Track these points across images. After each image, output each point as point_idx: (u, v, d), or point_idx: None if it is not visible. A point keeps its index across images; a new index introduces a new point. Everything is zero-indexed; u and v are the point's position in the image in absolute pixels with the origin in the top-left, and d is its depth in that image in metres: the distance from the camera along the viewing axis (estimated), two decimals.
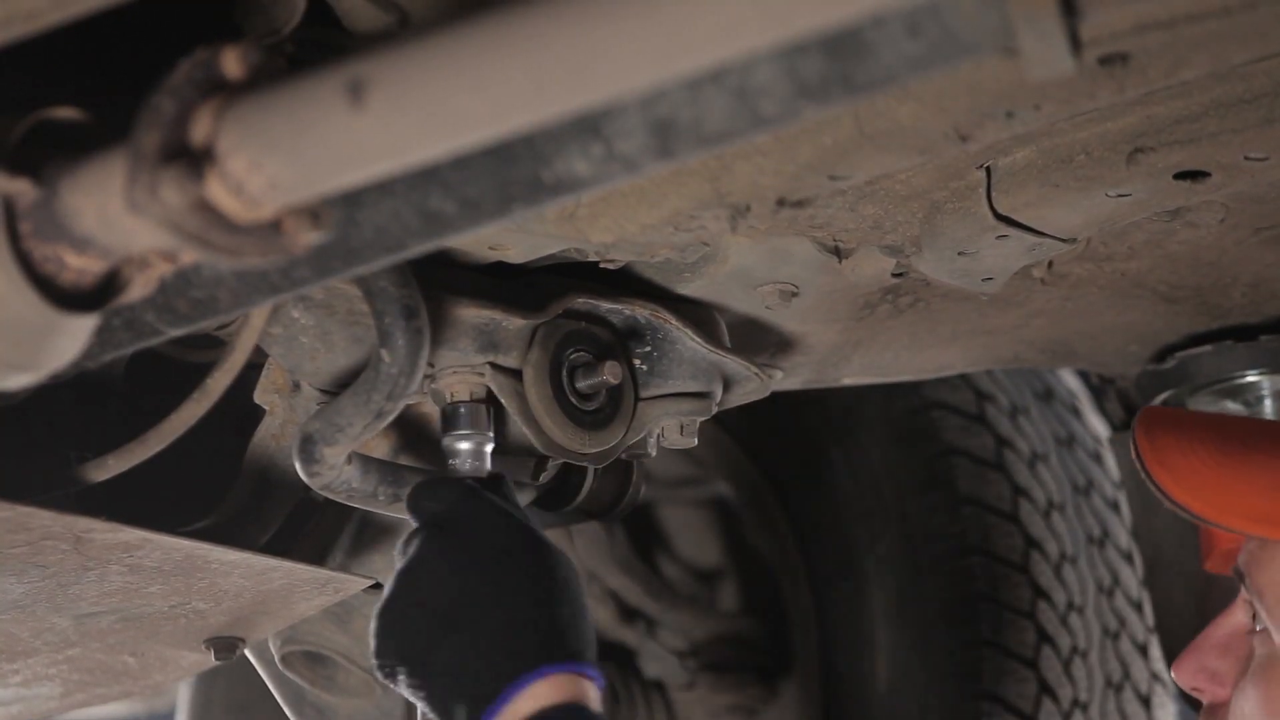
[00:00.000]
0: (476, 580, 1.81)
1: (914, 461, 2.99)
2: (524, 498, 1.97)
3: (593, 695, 1.79)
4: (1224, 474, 1.91)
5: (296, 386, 1.90)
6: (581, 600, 1.86)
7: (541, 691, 1.76)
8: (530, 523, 1.88)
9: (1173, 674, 2.03)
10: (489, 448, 1.92)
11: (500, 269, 1.89)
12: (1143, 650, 3.12)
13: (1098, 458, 3.21)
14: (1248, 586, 1.88)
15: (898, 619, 2.96)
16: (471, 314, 1.83)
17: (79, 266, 1.21)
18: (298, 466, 1.78)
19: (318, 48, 1.58)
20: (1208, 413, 2.36)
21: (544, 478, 2.01)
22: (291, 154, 1.10)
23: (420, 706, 1.82)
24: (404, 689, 1.82)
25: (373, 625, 1.84)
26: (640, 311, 1.97)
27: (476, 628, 1.79)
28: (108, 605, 1.93)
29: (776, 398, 2.26)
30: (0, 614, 1.90)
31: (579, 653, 1.80)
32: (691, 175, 1.64)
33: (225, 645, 2.13)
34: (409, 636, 1.81)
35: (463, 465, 1.90)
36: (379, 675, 1.84)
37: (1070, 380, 3.30)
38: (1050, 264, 2.05)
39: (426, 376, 1.82)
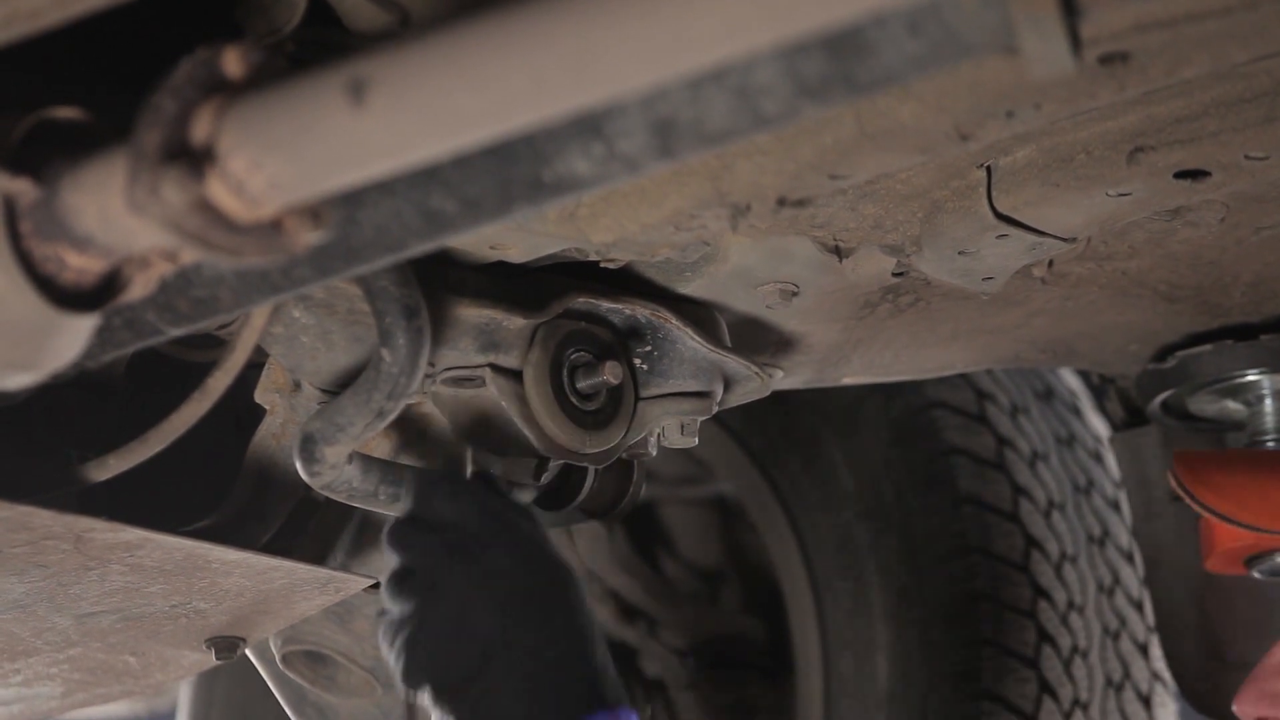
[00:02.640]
0: (510, 621, 1.81)
1: (915, 460, 2.99)
2: (524, 497, 1.97)
3: None
4: (1264, 485, 1.93)
5: (297, 386, 1.90)
6: (603, 640, 1.87)
7: None
8: (545, 538, 1.89)
9: (1235, 710, 2.04)
10: None
11: (501, 268, 1.89)
12: (1143, 649, 3.12)
13: (1098, 457, 3.21)
14: None
15: (898, 618, 2.96)
16: (472, 313, 1.83)
17: (80, 266, 1.21)
18: (298, 466, 1.78)
19: (319, 47, 1.58)
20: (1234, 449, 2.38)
21: (545, 478, 2.01)
22: (292, 153, 1.10)
23: None
24: (429, 705, 1.82)
25: (397, 643, 1.84)
26: (641, 311, 1.97)
27: (513, 671, 1.79)
28: (109, 605, 1.93)
29: (777, 396, 2.27)
30: (1, 613, 1.91)
31: (618, 700, 1.81)
32: (692, 174, 1.64)
33: (226, 645, 2.13)
34: (444, 668, 1.81)
35: None
36: (397, 678, 1.84)
37: (1071, 379, 3.30)
38: (1051, 263, 2.05)
39: (427, 376, 1.83)
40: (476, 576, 1.83)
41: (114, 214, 1.15)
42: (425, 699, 1.83)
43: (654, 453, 2.11)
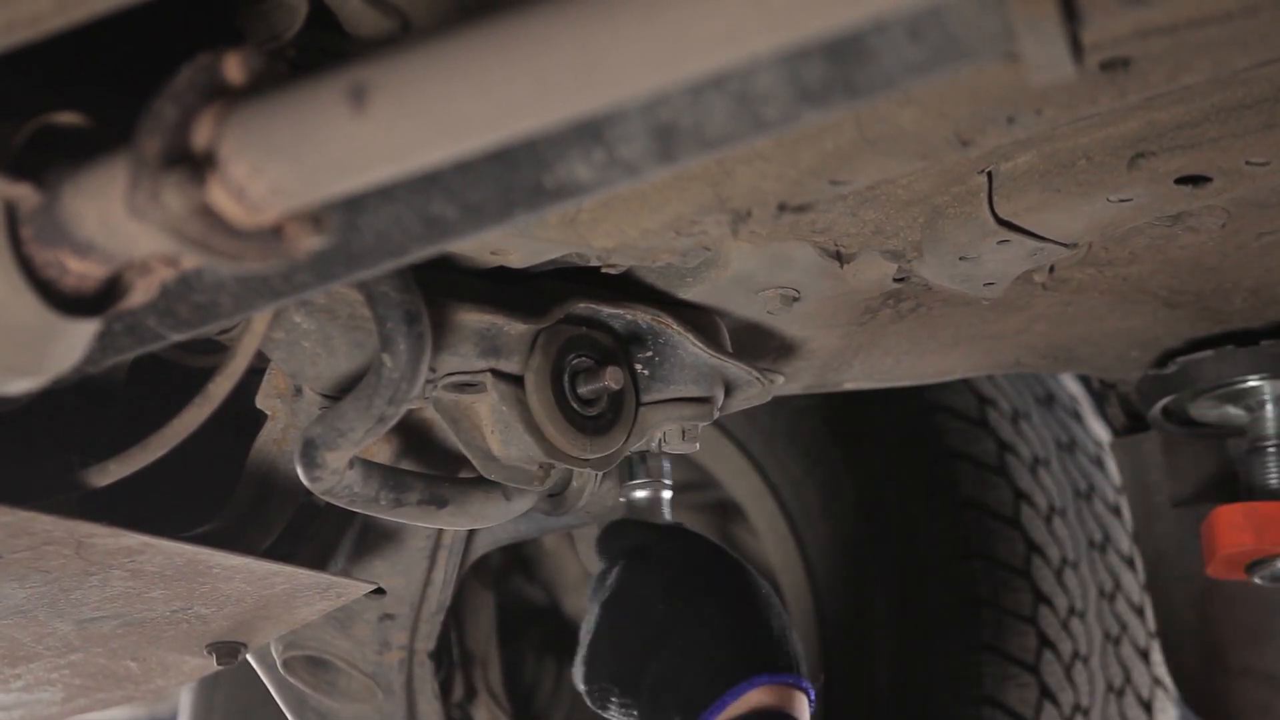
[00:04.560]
0: (682, 601, 1.88)
1: (916, 466, 2.99)
2: (525, 502, 1.98)
3: (802, 707, 1.85)
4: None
5: (298, 391, 1.90)
6: (786, 618, 1.97)
7: (753, 699, 1.83)
8: (727, 549, 2.00)
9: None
10: (668, 495, 2.10)
11: (502, 274, 1.89)
12: (1144, 655, 3.12)
13: (1099, 462, 3.21)
14: None
15: (899, 624, 2.96)
16: (473, 319, 1.83)
17: (81, 271, 1.21)
18: (300, 471, 1.78)
19: (319, 53, 1.58)
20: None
21: (546, 483, 2.01)
22: (293, 159, 1.10)
23: None
24: (615, 712, 1.90)
25: (581, 654, 1.97)
26: (642, 316, 1.97)
27: (686, 643, 1.87)
28: (109, 610, 1.93)
29: (779, 402, 2.27)
30: (2, 619, 1.91)
31: (790, 665, 1.87)
32: (693, 180, 1.65)
33: (227, 650, 2.13)
34: (619, 660, 1.91)
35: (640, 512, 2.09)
36: (590, 703, 1.94)
37: (1072, 385, 3.31)
38: (1052, 269, 2.05)
39: (428, 381, 1.83)
40: (651, 571, 1.96)
41: (115, 219, 1.15)
42: (612, 709, 1.95)
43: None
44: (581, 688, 2.00)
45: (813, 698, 1.91)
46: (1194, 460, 2.57)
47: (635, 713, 1.93)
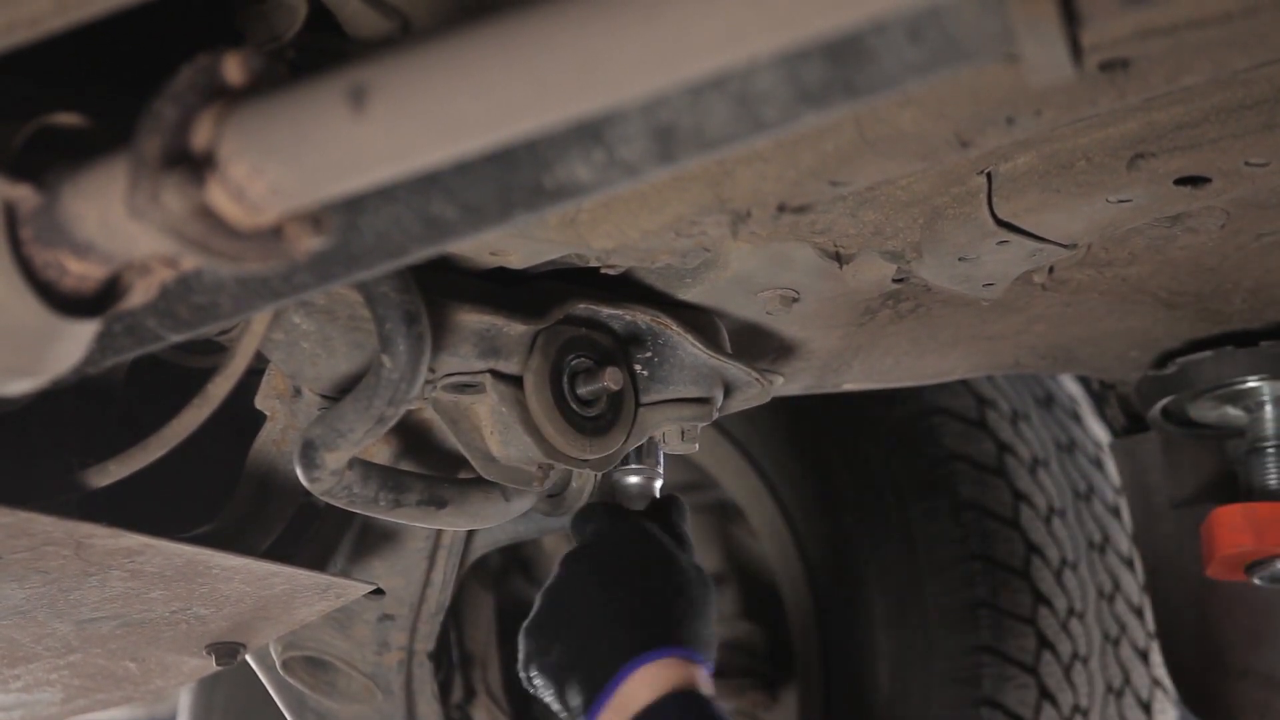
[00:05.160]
0: (596, 586, 1.92)
1: (915, 467, 2.99)
2: (525, 503, 1.98)
3: (703, 678, 1.89)
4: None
5: (298, 392, 1.90)
6: (704, 605, 2.00)
7: (653, 674, 1.87)
8: (674, 546, 2.04)
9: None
10: (658, 483, 2.12)
11: (501, 274, 1.89)
12: (1143, 656, 3.12)
13: (1098, 463, 3.21)
14: None
15: (899, 625, 2.96)
16: (472, 319, 1.83)
17: (80, 272, 1.21)
18: (299, 472, 1.78)
19: (319, 54, 1.58)
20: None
21: (545, 484, 2.01)
22: (293, 160, 1.10)
23: (553, 707, 1.95)
24: (543, 694, 1.97)
25: (521, 643, 2.02)
26: (641, 317, 1.97)
27: (591, 622, 1.91)
28: (109, 610, 1.93)
29: (778, 402, 2.27)
30: (1, 619, 1.91)
31: (687, 640, 1.92)
32: (693, 181, 1.65)
33: (226, 651, 2.13)
34: (537, 643, 1.96)
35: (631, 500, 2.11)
36: (528, 688, 1.97)
37: (1071, 386, 3.31)
38: (1051, 269, 2.05)
39: (428, 382, 1.83)
40: (582, 562, 2.01)
41: (115, 220, 1.15)
42: (540, 691, 2.00)
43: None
44: (524, 678, 2.04)
45: (711, 670, 1.95)
46: (1193, 461, 2.57)
47: (549, 690, 1.98)
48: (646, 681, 1.89)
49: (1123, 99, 1.49)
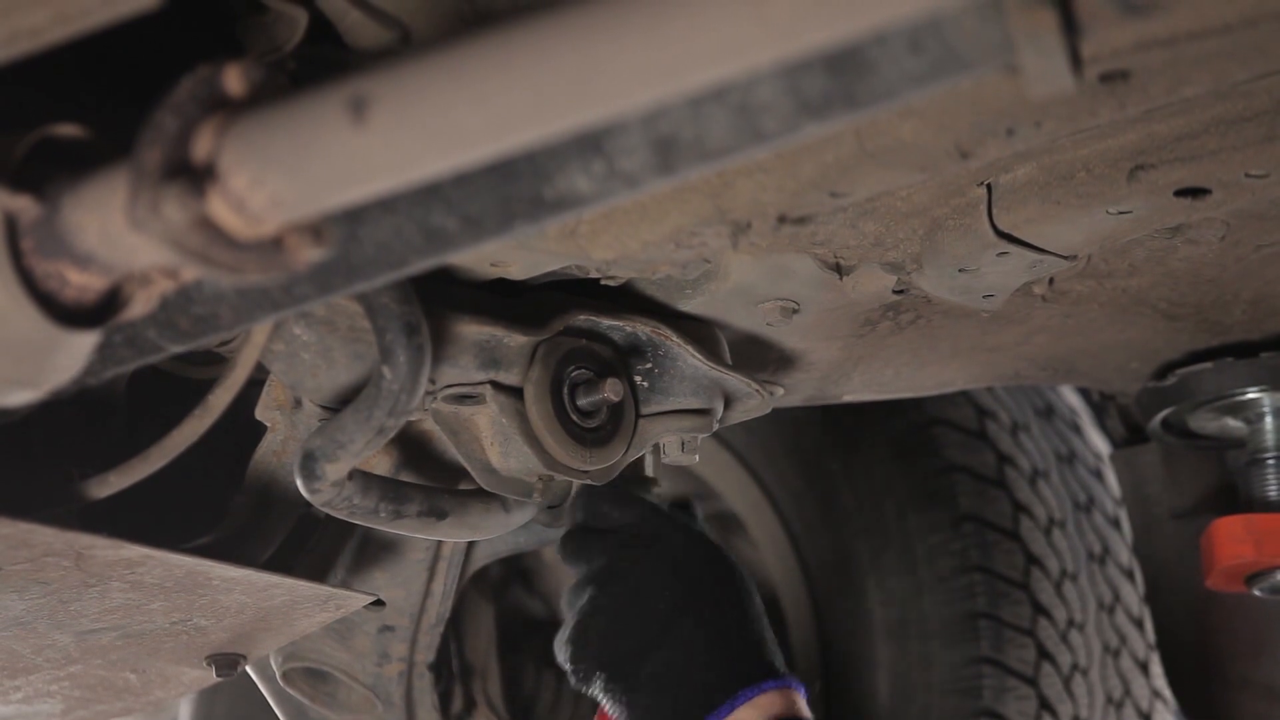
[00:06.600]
0: (684, 594, 1.90)
1: (915, 478, 2.99)
2: (525, 514, 1.98)
3: (804, 706, 1.89)
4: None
5: (298, 403, 1.90)
6: (766, 619, 2.00)
7: (762, 704, 1.86)
8: (718, 541, 2.02)
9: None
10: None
11: (501, 286, 1.89)
12: (1144, 667, 3.12)
13: (1099, 474, 3.21)
14: None
15: (899, 636, 2.96)
16: (473, 331, 1.83)
17: (81, 283, 1.21)
18: (299, 483, 1.78)
19: (320, 65, 1.58)
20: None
21: (545, 495, 2.01)
22: (293, 171, 1.10)
23: (618, 715, 1.91)
24: (600, 694, 1.93)
25: (569, 632, 1.99)
26: (641, 328, 1.97)
27: (688, 642, 1.89)
28: (109, 622, 1.93)
29: (778, 414, 2.27)
30: (2, 631, 1.90)
31: (781, 667, 1.91)
32: (693, 192, 1.65)
33: (226, 662, 2.13)
34: (613, 643, 1.92)
35: None
36: (572, 680, 1.95)
37: (1071, 397, 3.31)
38: (1051, 281, 2.05)
39: (428, 393, 1.83)
40: (652, 559, 1.98)
41: (115, 231, 1.15)
42: (597, 690, 1.93)
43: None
44: (566, 665, 2.01)
45: (807, 696, 1.95)
46: (1193, 472, 2.57)
47: (624, 699, 1.95)
48: (761, 711, 1.89)
49: (1123, 110, 1.50)
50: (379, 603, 2.33)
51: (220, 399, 1.84)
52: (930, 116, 1.49)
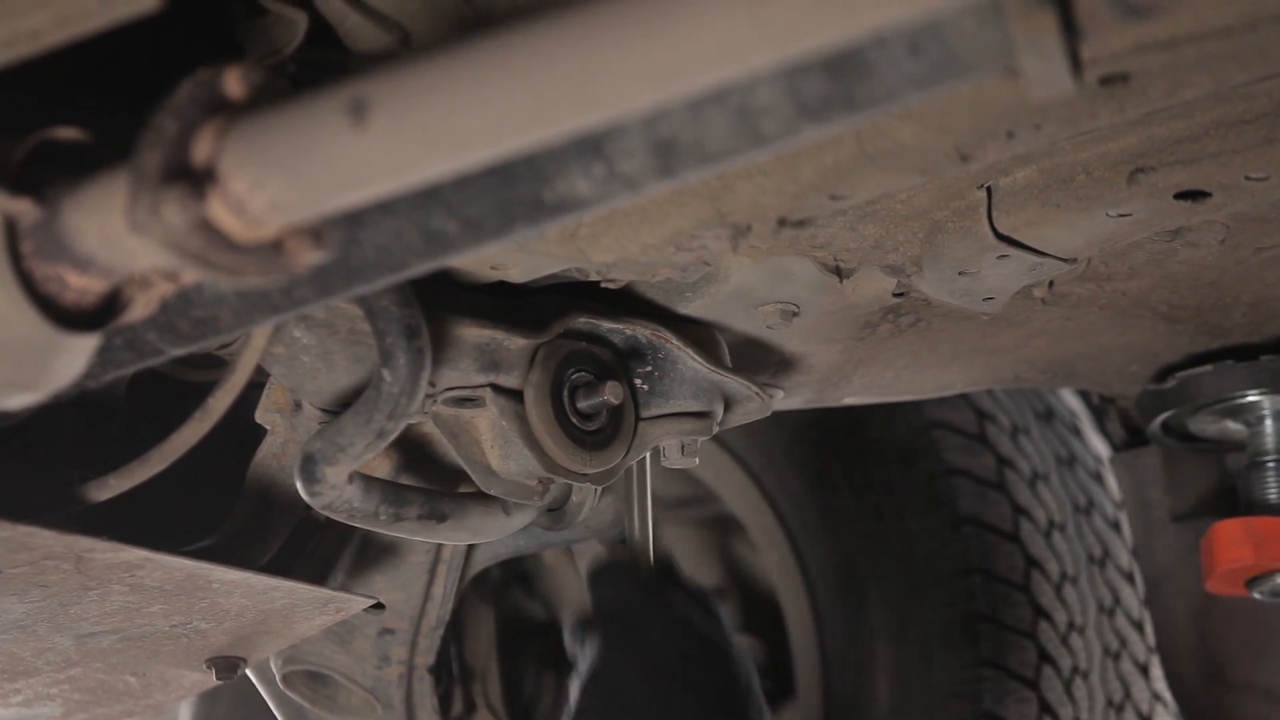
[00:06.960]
0: (662, 687, 1.94)
1: (915, 481, 2.99)
2: (525, 517, 1.98)
3: None
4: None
5: (298, 406, 1.90)
6: (762, 703, 2.00)
7: None
8: (710, 625, 2.03)
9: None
10: None
11: (501, 289, 1.89)
12: (1144, 670, 3.12)
13: (1099, 477, 3.21)
14: None
15: (898, 639, 2.96)
16: (473, 333, 1.83)
17: (81, 286, 1.21)
18: (299, 486, 1.78)
19: (320, 68, 1.58)
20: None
21: (545, 498, 2.01)
22: (293, 174, 1.10)
23: None
24: None
25: None
26: (641, 331, 1.97)
27: None
28: (109, 625, 1.93)
29: (778, 417, 2.27)
30: (2, 634, 1.90)
31: None
32: (693, 195, 1.65)
33: (226, 665, 2.13)
34: None
35: None
36: None
37: (1071, 400, 3.31)
38: (1051, 284, 2.05)
39: (428, 396, 1.83)
40: (630, 654, 1.99)
41: (115, 234, 1.15)
42: None
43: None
44: None
45: None
46: (1193, 475, 2.57)
47: None
48: None
49: (1123, 113, 1.50)
50: (379, 606, 2.33)
51: (220, 402, 1.84)
52: (930, 119, 1.49)
